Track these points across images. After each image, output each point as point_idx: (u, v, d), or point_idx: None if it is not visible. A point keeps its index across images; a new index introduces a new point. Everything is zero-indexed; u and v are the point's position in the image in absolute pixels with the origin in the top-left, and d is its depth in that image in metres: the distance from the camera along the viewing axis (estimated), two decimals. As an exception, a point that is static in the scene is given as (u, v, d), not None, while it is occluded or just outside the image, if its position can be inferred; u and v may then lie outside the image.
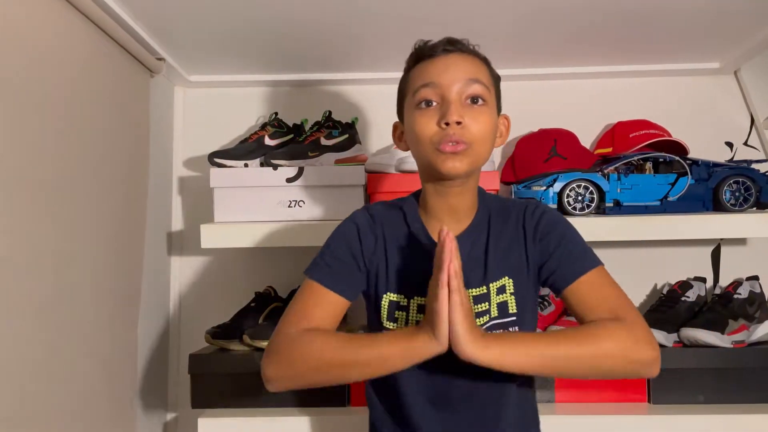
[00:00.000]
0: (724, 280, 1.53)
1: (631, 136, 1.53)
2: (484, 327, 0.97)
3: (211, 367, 1.38)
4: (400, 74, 1.61)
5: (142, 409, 1.44)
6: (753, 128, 1.62)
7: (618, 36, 1.40)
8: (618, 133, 1.56)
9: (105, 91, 1.25)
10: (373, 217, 1.03)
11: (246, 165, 1.44)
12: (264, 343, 1.38)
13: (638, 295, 1.62)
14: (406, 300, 0.98)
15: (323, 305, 0.97)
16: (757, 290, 1.46)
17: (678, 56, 1.55)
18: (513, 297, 0.97)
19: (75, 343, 1.11)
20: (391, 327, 0.98)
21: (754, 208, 1.40)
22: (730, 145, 1.54)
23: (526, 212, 1.00)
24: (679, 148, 1.49)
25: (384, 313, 0.99)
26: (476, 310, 0.95)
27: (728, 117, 1.63)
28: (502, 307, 0.97)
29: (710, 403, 1.34)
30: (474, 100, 0.94)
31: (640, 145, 1.50)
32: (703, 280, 1.51)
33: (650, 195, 1.39)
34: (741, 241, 1.61)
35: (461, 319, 0.82)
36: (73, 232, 1.11)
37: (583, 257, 0.96)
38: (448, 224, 0.97)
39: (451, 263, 0.82)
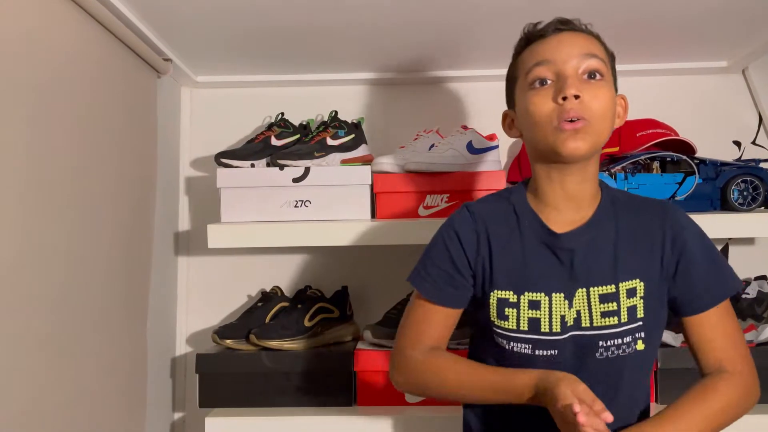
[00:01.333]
0: (732, 280, 1.52)
1: (638, 135, 1.53)
2: (609, 332, 0.92)
3: (218, 367, 1.39)
4: (406, 75, 1.63)
5: (150, 408, 1.45)
6: (761, 127, 1.61)
7: (624, 35, 1.40)
8: (625, 133, 1.56)
9: (113, 92, 1.26)
10: (473, 216, 0.98)
11: (252, 165, 1.44)
12: (270, 343, 1.39)
13: (645, 294, 1.62)
14: (516, 297, 0.93)
15: (437, 321, 0.98)
16: (766, 290, 1.45)
17: (685, 55, 1.54)
18: (642, 301, 0.92)
19: (84, 342, 1.12)
20: (503, 325, 0.94)
21: (763, 208, 1.39)
22: (738, 144, 1.53)
23: (668, 214, 0.95)
24: (687, 148, 1.48)
25: (493, 311, 0.94)
26: (603, 310, 0.91)
27: (736, 116, 1.63)
28: (632, 311, 0.92)
29: (718, 404, 1.33)
30: (591, 75, 0.90)
31: (647, 145, 1.49)
32: (711, 279, 1.50)
33: (657, 194, 1.39)
34: (749, 241, 1.60)
35: None
36: (82, 232, 1.12)
37: (725, 283, 0.94)
38: (566, 213, 0.94)
39: None
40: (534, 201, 0.97)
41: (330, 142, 1.47)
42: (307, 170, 1.41)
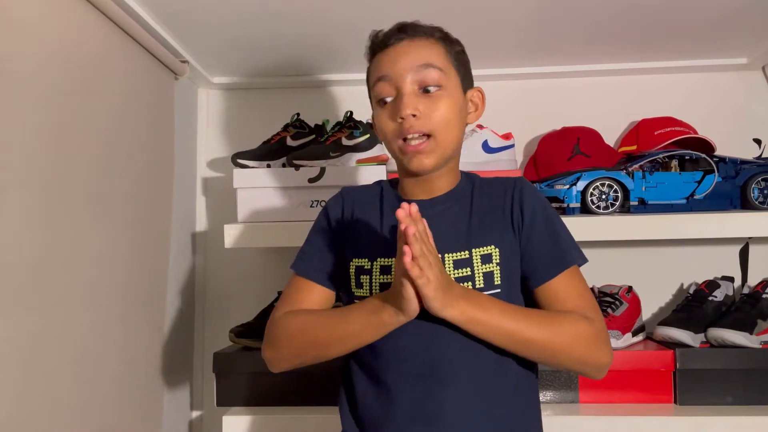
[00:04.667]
0: (753, 280, 1.50)
1: (656, 133, 1.51)
2: None
3: (235, 366, 1.40)
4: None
5: (168, 407, 1.46)
6: (782, 124, 1.59)
7: (642, 32, 1.39)
8: (642, 131, 1.54)
9: (131, 94, 1.27)
10: (343, 196, 1.02)
11: (268, 165, 1.45)
12: (287, 342, 1.39)
13: (664, 294, 1.60)
14: (369, 263, 0.94)
15: (309, 297, 0.97)
16: (787, 290, 1.43)
17: (704, 52, 1.52)
18: (499, 268, 0.91)
19: (103, 342, 1.13)
20: (359, 294, 0.94)
21: (784, 206, 1.37)
22: (758, 141, 1.51)
23: (515, 186, 0.95)
24: (706, 146, 1.46)
25: (352, 281, 0.95)
26: (457, 275, 0.91)
27: (756, 113, 1.60)
28: (488, 277, 0.91)
29: (738, 405, 1.32)
30: (429, 87, 0.91)
31: (666, 143, 1.48)
32: (731, 279, 1.48)
33: (676, 193, 1.37)
34: (770, 240, 1.58)
35: (430, 279, 0.79)
36: (101, 232, 1.13)
37: (564, 254, 0.92)
38: (422, 195, 0.96)
39: (409, 227, 0.77)
40: (399, 187, 1.01)
41: (345, 142, 1.47)
42: (322, 170, 1.42)
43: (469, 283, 0.91)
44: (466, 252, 0.92)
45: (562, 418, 1.30)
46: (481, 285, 0.91)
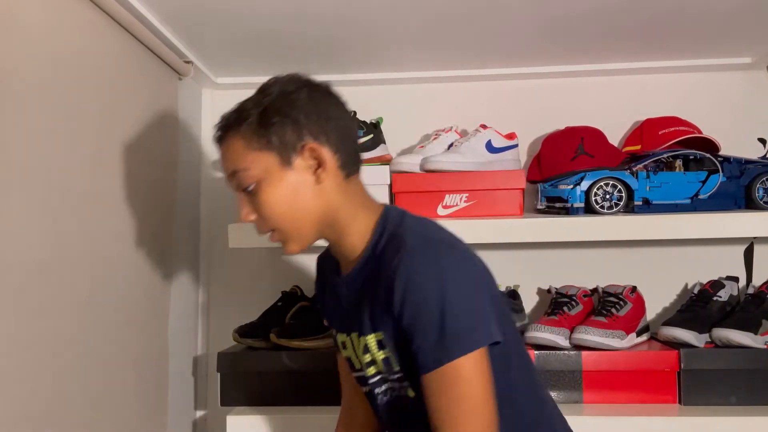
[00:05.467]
0: (758, 279, 1.50)
1: (660, 133, 1.51)
2: (373, 380, 0.92)
3: (239, 366, 1.40)
4: (424, 73, 1.63)
5: (172, 406, 1.47)
6: (787, 124, 1.58)
7: (646, 31, 1.38)
8: (647, 131, 1.54)
9: (135, 95, 1.28)
10: (317, 264, 1.09)
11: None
12: (291, 342, 1.39)
13: (668, 294, 1.60)
14: (336, 335, 1.00)
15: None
16: (793, 290, 1.43)
17: (708, 51, 1.52)
18: (393, 353, 0.87)
19: (108, 342, 1.14)
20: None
21: (789, 206, 1.37)
22: (763, 141, 1.50)
23: (392, 270, 0.82)
24: (710, 145, 1.46)
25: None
26: (365, 360, 0.91)
27: (760, 113, 1.60)
28: (386, 363, 0.89)
29: (743, 405, 1.32)
30: (246, 189, 0.88)
31: (670, 143, 1.47)
32: (736, 279, 1.48)
33: (680, 193, 1.37)
34: (775, 240, 1.58)
35: None
36: (105, 233, 1.14)
37: (433, 352, 0.79)
38: (345, 264, 0.95)
39: None
40: None
41: (349, 142, 1.47)
42: (326, 170, 1.41)
43: (374, 367, 0.91)
44: (364, 337, 0.90)
45: (567, 418, 1.29)
46: (381, 369, 0.90)
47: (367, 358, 0.90)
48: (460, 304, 0.79)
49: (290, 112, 0.87)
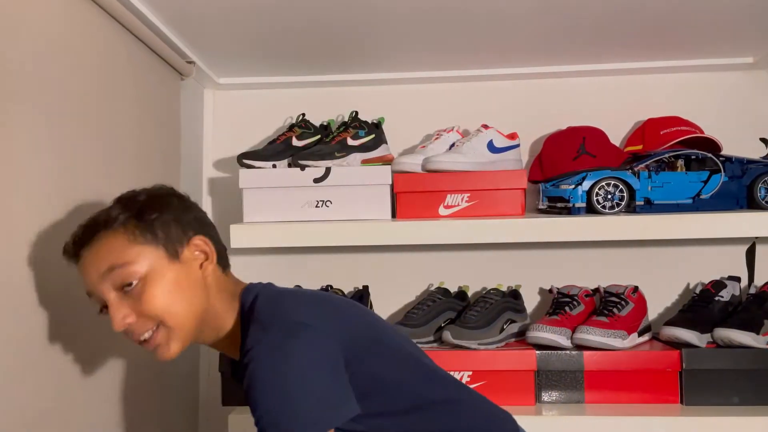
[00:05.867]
0: (759, 279, 1.50)
1: (662, 133, 1.51)
2: None
3: (241, 366, 1.40)
4: (425, 73, 1.63)
5: (175, 406, 1.47)
6: (789, 124, 1.58)
7: (648, 31, 1.38)
8: (648, 130, 1.54)
9: (138, 95, 1.28)
10: None
11: (274, 166, 1.46)
12: (293, 342, 1.39)
13: (670, 294, 1.60)
14: None
15: None
16: (795, 290, 1.43)
17: (710, 51, 1.52)
18: None
19: (110, 342, 1.14)
20: None
21: (791, 206, 1.37)
22: (765, 141, 1.50)
23: (246, 363, 0.81)
24: (712, 145, 1.46)
25: None
26: None
27: (762, 113, 1.59)
28: None
29: (745, 405, 1.31)
30: (126, 286, 0.84)
31: (672, 142, 1.47)
32: (738, 279, 1.48)
33: (682, 193, 1.37)
34: (777, 240, 1.58)
35: None
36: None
37: None
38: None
39: None
40: None
41: (350, 142, 1.47)
42: (327, 170, 1.42)
43: None
44: None
45: (568, 418, 1.30)
46: None
47: None
48: (295, 399, 0.77)
49: (166, 210, 0.89)
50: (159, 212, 0.88)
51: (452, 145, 1.48)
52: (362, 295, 1.54)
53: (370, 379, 0.86)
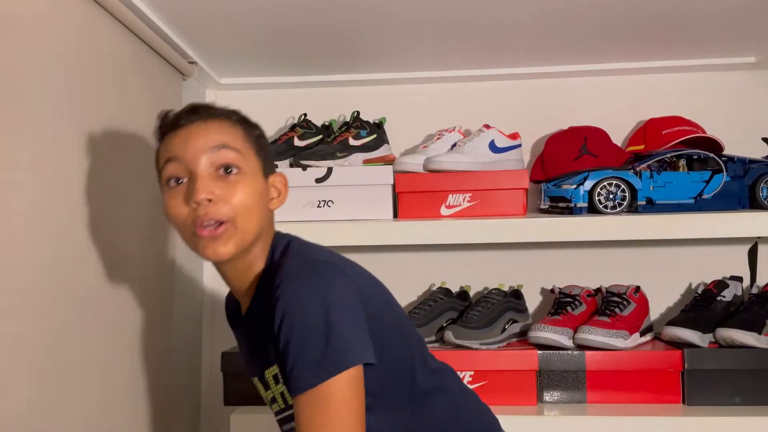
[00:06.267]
0: (762, 279, 1.50)
1: (663, 132, 1.51)
2: (280, 417, 0.90)
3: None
4: (426, 73, 1.63)
5: (177, 405, 1.47)
6: (791, 123, 1.58)
7: (650, 31, 1.38)
8: (650, 130, 1.54)
9: (139, 95, 1.28)
10: (227, 316, 1.03)
11: (276, 166, 1.46)
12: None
13: (672, 294, 1.60)
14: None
15: None
16: (797, 290, 1.42)
17: (712, 51, 1.51)
18: (286, 387, 0.85)
19: (113, 342, 1.14)
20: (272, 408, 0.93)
21: (793, 206, 1.37)
22: (767, 141, 1.50)
23: (277, 292, 0.81)
24: (714, 145, 1.46)
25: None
26: (268, 396, 0.90)
27: (765, 112, 1.59)
28: (283, 397, 0.87)
29: (747, 405, 1.31)
30: (227, 169, 0.84)
31: (674, 142, 1.47)
32: (740, 279, 1.48)
33: (684, 193, 1.37)
34: (779, 240, 1.57)
35: None
36: (109, 233, 1.14)
37: (300, 374, 0.77)
38: (244, 301, 0.92)
39: None
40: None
41: (352, 142, 1.47)
42: (329, 170, 1.42)
43: (275, 405, 0.89)
44: (268, 371, 0.88)
45: (570, 418, 1.30)
46: (283, 406, 0.88)
47: (269, 394, 0.89)
48: (332, 326, 0.78)
49: (266, 139, 0.94)
50: (263, 135, 0.93)
51: (454, 145, 1.48)
52: (364, 295, 1.54)
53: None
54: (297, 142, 1.50)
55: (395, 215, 1.43)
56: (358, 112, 1.55)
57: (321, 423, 0.75)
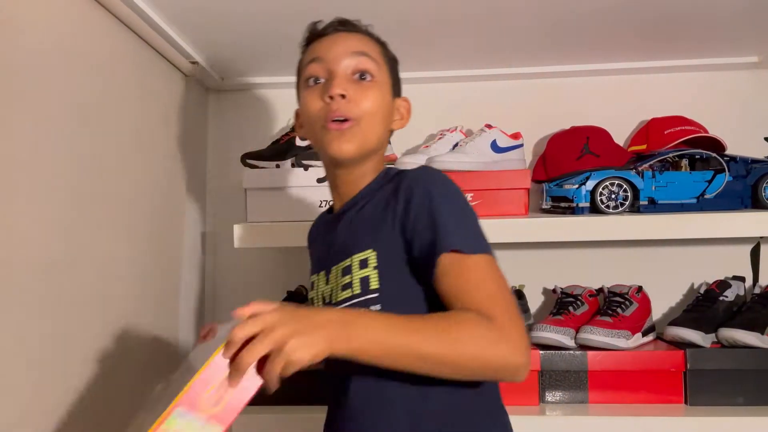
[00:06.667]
0: (764, 279, 1.49)
1: (666, 132, 1.51)
2: (346, 305, 0.89)
3: (244, 365, 1.40)
4: (429, 73, 1.63)
5: (178, 405, 1.47)
6: (794, 123, 1.58)
7: (652, 30, 1.38)
8: (652, 130, 1.54)
9: (141, 96, 1.28)
10: (309, 237, 1.07)
11: (277, 166, 1.46)
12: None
13: (674, 294, 1.60)
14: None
15: None
16: (800, 290, 1.42)
17: (715, 51, 1.51)
18: (376, 271, 0.84)
19: (116, 342, 1.14)
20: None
21: (796, 206, 1.36)
22: (769, 140, 1.50)
23: (407, 177, 0.86)
24: (716, 145, 1.45)
25: None
26: (342, 283, 0.89)
27: (767, 112, 1.59)
28: (364, 282, 0.85)
29: (750, 405, 1.31)
30: (362, 75, 0.90)
31: (676, 142, 1.47)
32: (742, 279, 1.47)
33: (686, 192, 1.37)
34: (782, 240, 1.57)
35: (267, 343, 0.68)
36: (113, 234, 1.14)
37: (443, 238, 0.79)
38: (340, 205, 0.96)
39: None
40: (331, 191, 0.99)
41: (354, 142, 1.47)
42: (331, 170, 1.42)
43: (350, 290, 0.89)
44: (349, 259, 0.89)
45: (572, 418, 1.29)
46: (358, 291, 0.87)
47: (346, 280, 0.88)
48: (474, 216, 0.85)
49: (398, 70, 0.98)
50: (396, 62, 0.98)
51: (455, 145, 1.48)
52: (366, 295, 1.54)
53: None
54: (298, 142, 1.50)
55: (397, 215, 1.43)
56: (360, 112, 1.55)
57: (482, 280, 0.78)
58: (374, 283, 0.85)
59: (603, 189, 1.36)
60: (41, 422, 0.92)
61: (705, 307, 1.41)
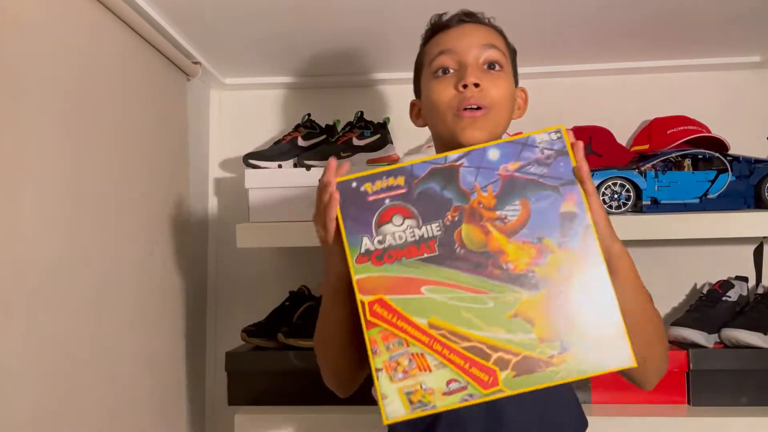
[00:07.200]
0: (767, 279, 1.49)
1: (668, 132, 1.50)
2: None
3: (247, 365, 1.40)
4: (431, 74, 1.63)
5: (181, 405, 1.47)
6: (797, 123, 1.57)
7: (655, 30, 1.38)
8: (655, 130, 1.53)
9: (144, 96, 1.29)
10: None
11: (280, 166, 1.46)
12: (298, 342, 1.39)
13: (677, 294, 1.59)
14: None
15: None
16: (803, 290, 1.42)
17: (717, 50, 1.51)
18: None
19: (118, 342, 1.14)
20: None
21: (799, 205, 1.36)
22: (772, 140, 1.50)
23: None
24: (719, 145, 1.45)
25: None
26: None
27: (770, 112, 1.59)
28: None
29: (752, 406, 1.31)
30: (491, 65, 0.93)
31: (678, 142, 1.47)
32: (745, 279, 1.47)
33: (689, 192, 1.37)
34: (785, 240, 1.57)
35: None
36: (116, 234, 1.14)
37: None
38: None
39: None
40: None
41: (356, 142, 1.47)
42: (333, 170, 1.42)
43: None
44: None
45: (574, 418, 1.29)
46: None
47: None
48: None
49: (516, 62, 1.01)
50: (516, 53, 1.01)
51: (458, 145, 1.48)
52: (368, 295, 1.54)
53: None
54: (301, 142, 1.50)
55: (399, 215, 1.43)
56: (362, 112, 1.55)
57: None
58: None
59: (605, 189, 1.36)
60: (48, 422, 0.93)
61: (708, 307, 1.41)
